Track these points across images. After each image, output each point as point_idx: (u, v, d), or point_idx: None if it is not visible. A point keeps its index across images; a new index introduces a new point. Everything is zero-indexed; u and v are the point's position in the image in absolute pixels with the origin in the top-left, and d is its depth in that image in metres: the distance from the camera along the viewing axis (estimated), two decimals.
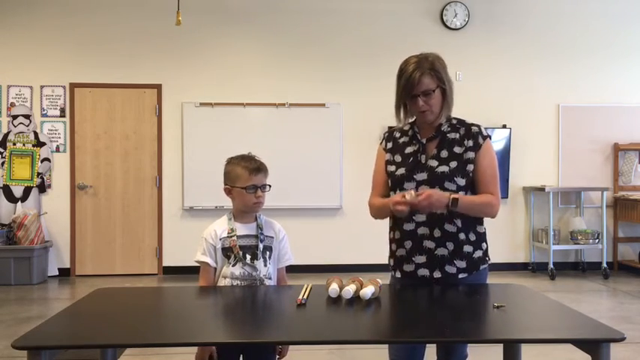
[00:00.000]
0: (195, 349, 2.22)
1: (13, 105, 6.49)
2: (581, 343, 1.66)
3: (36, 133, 6.51)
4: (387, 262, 2.44)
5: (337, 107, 6.68)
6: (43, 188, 6.51)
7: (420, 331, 1.76)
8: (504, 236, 6.88)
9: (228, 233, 2.31)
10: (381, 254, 6.79)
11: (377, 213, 2.37)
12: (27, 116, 6.49)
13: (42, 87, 6.52)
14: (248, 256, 2.28)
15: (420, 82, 2.14)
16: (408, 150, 2.26)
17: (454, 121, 2.26)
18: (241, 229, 2.33)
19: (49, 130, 6.53)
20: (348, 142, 6.70)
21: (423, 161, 2.21)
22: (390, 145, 2.33)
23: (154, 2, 6.56)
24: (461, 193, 2.14)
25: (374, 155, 2.42)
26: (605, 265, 6.54)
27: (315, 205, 6.66)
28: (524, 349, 2.17)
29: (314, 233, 6.64)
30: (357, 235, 6.69)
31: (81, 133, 6.55)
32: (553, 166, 6.91)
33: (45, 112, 6.53)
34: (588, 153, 6.89)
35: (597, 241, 6.57)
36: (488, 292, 2.20)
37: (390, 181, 2.27)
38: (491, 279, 2.32)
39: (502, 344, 2.19)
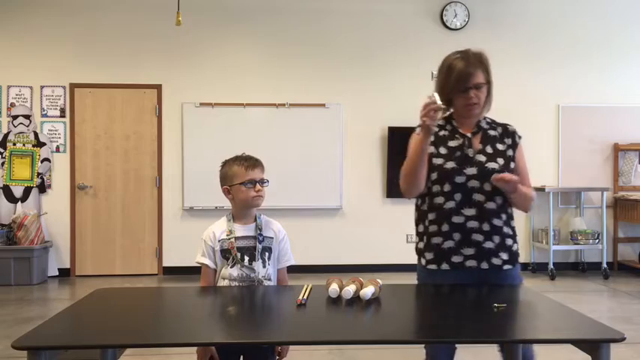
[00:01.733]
0: (195, 349, 2.22)
1: (13, 105, 6.49)
2: (581, 343, 1.66)
3: (36, 134, 6.51)
4: (387, 262, 2.46)
5: (337, 107, 6.68)
6: (43, 188, 6.51)
7: (420, 332, 1.76)
8: None
9: (227, 235, 2.31)
10: (380, 254, 6.85)
11: (409, 172, 2.24)
12: (27, 116, 6.50)
13: (42, 87, 6.52)
14: (246, 258, 2.28)
15: (475, 75, 2.22)
16: (452, 143, 2.28)
17: (488, 119, 2.36)
18: (240, 230, 2.33)
19: (49, 130, 6.53)
20: (348, 142, 6.70)
21: (471, 155, 2.24)
22: (432, 137, 2.27)
23: (154, 2, 6.56)
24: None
25: (374, 155, 2.45)
26: (605, 265, 6.54)
27: (315, 206, 6.65)
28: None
29: (314, 233, 6.64)
30: (357, 235, 6.70)
31: (81, 133, 6.55)
32: (553, 166, 6.91)
33: (45, 112, 6.53)
34: (588, 153, 6.89)
35: (597, 241, 6.57)
36: (489, 292, 2.20)
37: (437, 174, 2.25)
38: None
39: (502, 344, 2.19)
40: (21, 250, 6.05)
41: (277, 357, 2.31)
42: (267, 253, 2.33)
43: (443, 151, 2.27)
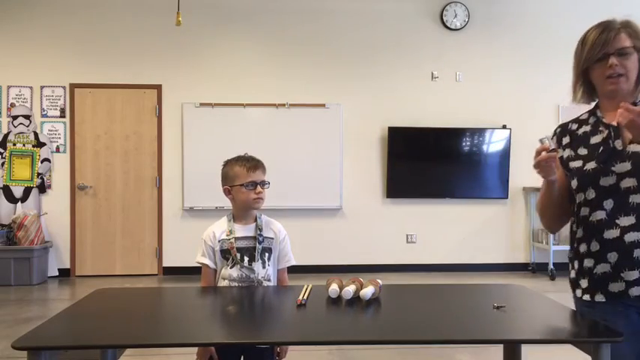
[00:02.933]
0: (195, 349, 2.22)
1: (13, 105, 6.49)
2: (581, 343, 1.66)
3: (36, 134, 6.51)
4: (386, 263, 2.43)
5: (337, 107, 6.68)
6: (43, 189, 6.51)
7: (420, 332, 1.76)
8: (504, 236, 6.88)
9: (227, 235, 2.31)
10: (380, 254, 6.84)
11: (541, 212, 1.91)
12: (27, 117, 6.50)
13: (42, 87, 6.52)
14: (246, 259, 2.28)
15: (616, 39, 1.73)
16: (594, 140, 1.79)
17: None
18: (240, 230, 2.33)
19: (49, 130, 6.53)
20: (348, 142, 6.70)
21: (620, 148, 1.71)
22: (566, 140, 1.89)
23: (153, 3, 6.57)
24: None
25: (374, 155, 2.43)
26: None
27: (315, 206, 6.66)
28: (524, 349, 2.17)
29: (314, 233, 6.64)
30: (357, 235, 6.70)
31: (81, 133, 6.55)
32: None
33: (45, 112, 6.53)
34: None
35: None
36: (489, 292, 2.20)
37: (576, 180, 1.80)
38: (491, 279, 2.32)
39: (502, 344, 2.19)
40: (21, 251, 6.05)
41: (276, 358, 2.31)
42: (267, 254, 2.33)
43: (583, 151, 1.80)
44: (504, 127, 6.78)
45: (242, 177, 2.30)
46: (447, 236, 6.80)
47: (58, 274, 6.48)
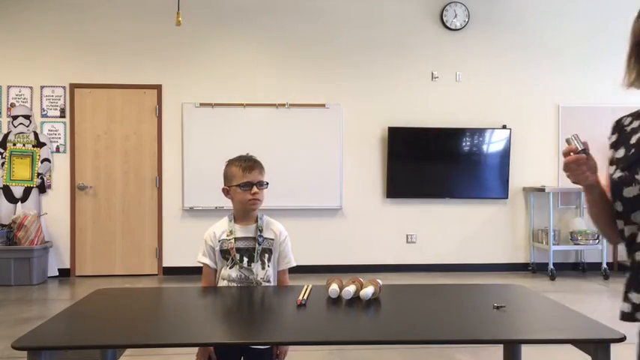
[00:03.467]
0: (195, 349, 2.22)
1: (13, 105, 6.49)
2: (581, 343, 1.66)
3: (36, 134, 6.51)
4: (387, 263, 2.42)
5: (337, 107, 6.68)
6: (43, 189, 6.51)
7: (420, 332, 1.75)
8: (504, 237, 6.88)
9: (227, 235, 2.31)
10: (380, 255, 6.84)
11: (593, 221, 1.67)
12: (27, 117, 6.49)
13: (42, 87, 6.52)
14: (245, 259, 2.28)
15: None
16: (635, 138, 1.48)
17: None
18: (240, 231, 2.32)
19: (49, 130, 6.53)
20: (348, 142, 6.70)
21: None
22: (614, 137, 1.57)
23: (154, 3, 6.56)
24: None
25: (374, 156, 2.40)
26: (605, 265, 6.54)
27: (315, 206, 6.65)
28: (524, 349, 2.17)
29: (314, 234, 6.64)
30: (356, 235, 6.70)
31: (81, 133, 6.55)
32: (553, 166, 6.91)
33: (45, 112, 6.53)
34: None
35: (597, 241, 6.57)
36: (488, 292, 2.20)
37: (611, 188, 1.50)
38: (492, 279, 2.32)
39: (502, 344, 2.19)
40: (21, 251, 6.05)
41: (276, 359, 2.31)
42: (266, 255, 2.32)
43: (620, 153, 1.50)
44: (504, 127, 6.78)
45: (238, 177, 2.29)
46: (446, 236, 6.80)
47: (58, 274, 6.48)
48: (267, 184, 2.34)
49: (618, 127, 1.58)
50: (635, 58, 1.50)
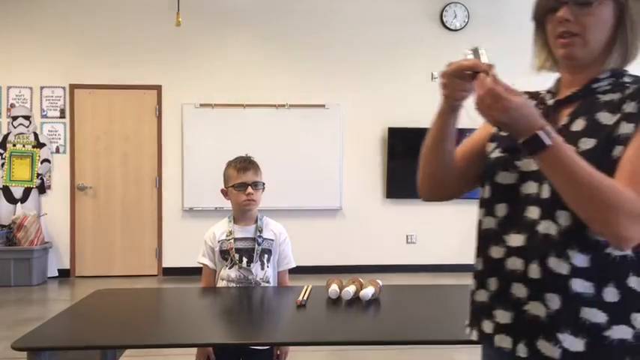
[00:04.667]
0: (194, 350, 2.22)
1: (13, 106, 6.49)
2: None
3: (36, 134, 6.51)
4: (387, 263, 2.42)
5: (337, 108, 6.68)
6: (42, 189, 6.51)
7: (420, 332, 1.76)
8: None
9: (227, 236, 2.32)
10: (380, 255, 6.83)
11: (422, 157, 1.43)
12: (27, 117, 6.49)
13: (42, 88, 6.52)
14: (245, 260, 2.29)
15: None
16: None
17: (627, 79, 1.21)
18: (240, 231, 2.33)
19: (49, 131, 6.53)
20: (348, 142, 6.70)
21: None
22: None
23: (153, 3, 6.56)
24: None
25: (374, 156, 2.39)
26: None
27: (315, 206, 6.65)
28: None
29: (314, 234, 6.64)
30: (356, 236, 6.70)
31: (81, 134, 6.55)
32: None
33: (45, 113, 6.53)
34: None
35: None
36: None
37: (484, 169, 1.34)
38: None
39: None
40: (21, 251, 6.04)
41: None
42: (266, 255, 2.33)
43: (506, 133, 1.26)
44: None
45: (233, 178, 2.31)
46: (446, 237, 6.80)
47: (57, 274, 6.48)
48: (264, 184, 2.34)
49: None
50: (541, 37, 1.37)
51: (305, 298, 2.00)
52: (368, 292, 2.00)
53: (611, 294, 1.09)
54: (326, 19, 6.77)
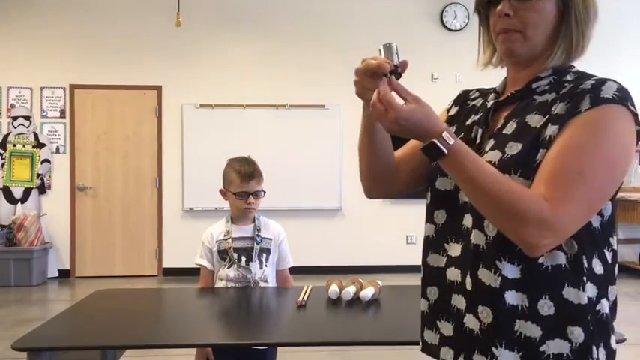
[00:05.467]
0: (194, 350, 2.22)
1: (13, 106, 6.49)
2: None
3: (36, 135, 6.51)
4: (387, 264, 2.41)
5: (337, 108, 6.68)
6: (43, 189, 6.51)
7: (419, 333, 1.75)
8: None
9: (224, 235, 2.32)
10: (380, 255, 6.83)
11: (358, 145, 1.34)
12: (27, 117, 6.50)
13: (42, 88, 6.52)
14: (243, 258, 2.29)
15: None
16: (472, 120, 1.28)
17: (569, 77, 1.18)
18: (237, 231, 2.34)
19: (49, 131, 6.53)
20: (348, 143, 6.70)
21: (478, 141, 1.18)
22: (455, 110, 1.39)
23: (153, 3, 6.57)
24: None
25: None
26: None
27: (315, 207, 6.65)
28: None
29: (314, 234, 6.64)
30: (356, 236, 6.70)
31: (81, 134, 6.55)
32: None
33: (45, 113, 6.53)
34: None
35: None
36: None
37: (426, 173, 1.28)
38: None
39: None
40: (21, 252, 6.05)
41: None
42: (264, 254, 2.33)
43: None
44: None
45: (235, 185, 2.30)
46: None
47: (57, 275, 6.48)
48: (265, 192, 2.35)
49: (465, 98, 1.39)
50: (486, 32, 1.29)
51: (305, 298, 2.00)
52: (368, 292, 2.00)
53: (546, 306, 1.03)
54: (326, 20, 6.77)
